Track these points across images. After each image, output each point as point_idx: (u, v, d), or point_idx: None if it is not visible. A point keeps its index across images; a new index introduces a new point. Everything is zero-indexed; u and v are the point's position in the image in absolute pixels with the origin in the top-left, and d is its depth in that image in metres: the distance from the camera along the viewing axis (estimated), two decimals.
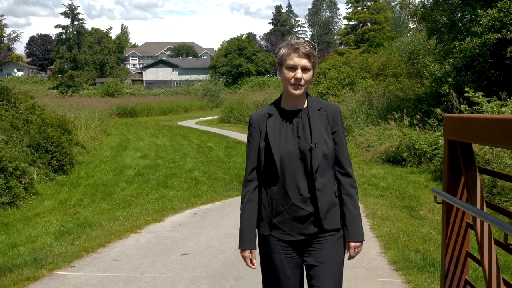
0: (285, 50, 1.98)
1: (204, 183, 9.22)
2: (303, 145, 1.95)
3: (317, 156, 1.93)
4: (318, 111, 2.01)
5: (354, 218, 2.00)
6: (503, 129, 1.63)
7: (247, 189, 2.03)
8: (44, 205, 8.11)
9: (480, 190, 2.01)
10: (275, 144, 1.95)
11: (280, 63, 2.01)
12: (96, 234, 5.07)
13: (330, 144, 1.98)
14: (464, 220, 2.19)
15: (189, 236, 4.94)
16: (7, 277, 3.62)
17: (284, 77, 1.99)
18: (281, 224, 1.97)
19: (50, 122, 11.19)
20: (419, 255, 4.04)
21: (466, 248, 2.22)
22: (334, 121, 2.02)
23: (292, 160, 1.95)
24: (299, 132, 1.98)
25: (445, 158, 2.21)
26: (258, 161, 2.01)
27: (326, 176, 1.97)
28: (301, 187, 1.94)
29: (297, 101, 2.02)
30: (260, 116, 2.05)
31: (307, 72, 1.96)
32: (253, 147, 2.03)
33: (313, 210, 1.96)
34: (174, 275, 3.70)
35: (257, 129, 2.02)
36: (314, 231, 1.98)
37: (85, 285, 3.51)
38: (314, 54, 1.98)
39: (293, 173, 1.94)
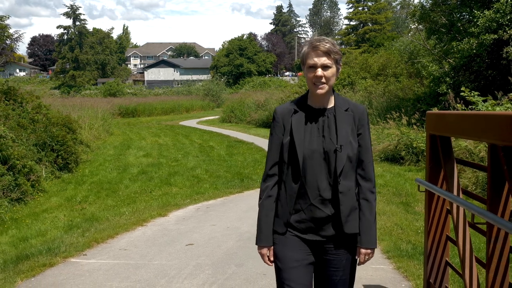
0: (305, 49, 1.95)
1: (206, 181, 9.43)
2: (327, 145, 1.91)
3: (342, 158, 1.89)
4: (345, 112, 1.95)
5: (368, 224, 1.95)
6: (472, 123, 1.86)
7: (266, 184, 1.99)
8: (51, 202, 8.33)
9: (457, 179, 2.24)
10: (300, 141, 1.91)
11: (302, 63, 1.98)
12: (104, 227, 5.32)
13: (355, 146, 1.93)
14: (444, 207, 2.42)
15: (193, 229, 5.18)
16: (24, 264, 3.87)
17: (307, 76, 1.95)
18: (297, 224, 1.95)
19: (56, 121, 11.42)
20: (410, 245, 4.28)
21: (446, 233, 2.45)
22: (361, 123, 1.96)
23: (315, 159, 1.90)
24: (325, 132, 1.93)
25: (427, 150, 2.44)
26: (280, 156, 1.97)
27: (349, 179, 1.93)
28: (322, 188, 1.91)
29: (323, 99, 1.96)
30: (285, 111, 1.99)
31: (328, 69, 1.90)
32: (275, 142, 1.99)
33: (332, 212, 1.92)
34: (180, 262, 3.94)
35: (280, 123, 1.97)
36: (331, 233, 1.94)
37: (97, 270, 3.75)
38: (335, 50, 1.91)
39: (315, 173, 1.90)
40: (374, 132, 12.90)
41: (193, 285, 3.42)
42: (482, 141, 1.98)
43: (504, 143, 1.66)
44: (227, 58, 55.42)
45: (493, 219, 1.64)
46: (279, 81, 49.14)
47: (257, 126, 21.55)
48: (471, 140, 3.10)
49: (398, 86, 16.70)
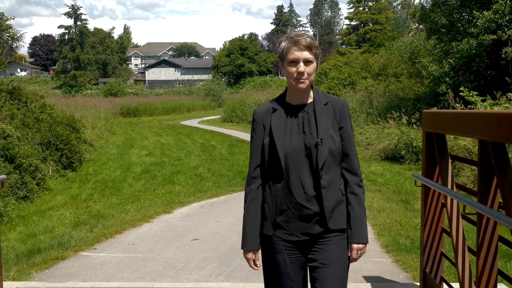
0: (285, 44, 1.91)
1: (209, 179, 9.56)
2: (308, 140, 1.87)
3: (323, 152, 1.85)
4: (325, 106, 1.92)
5: (358, 218, 1.90)
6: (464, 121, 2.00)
7: (250, 187, 1.96)
8: (56, 200, 8.47)
9: (451, 173, 2.38)
10: (280, 139, 1.87)
11: (281, 58, 1.93)
12: (111, 223, 5.46)
13: (337, 140, 1.89)
14: (439, 200, 2.56)
15: (198, 225, 5.34)
16: (37, 257, 4.02)
17: (286, 72, 1.91)
18: (285, 224, 1.90)
19: (60, 121, 11.56)
20: (409, 240, 4.43)
21: (442, 225, 2.60)
22: (342, 116, 1.93)
23: (297, 156, 1.87)
24: (305, 128, 1.90)
25: (424, 147, 2.58)
26: (262, 157, 1.93)
27: (332, 173, 1.88)
28: (306, 185, 1.86)
29: (302, 95, 1.93)
30: (264, 111, 1.97)
31: (310, 64, 1.87)
32: (256, 143, 1.96)
33: (318, 209, 1.87)
34: (186, 256, 4.09)
35: (261, 124, 1.95)
36: (319, 231, 1.89)
37: (108, 263, 3.90)
38: (315, 45, 1.89)
39: (298, 170, 1.87)
40: (374, 131, 13.04)
41: (200, 276, 3.58)
42: (473, 138, 2.12)
43: (492, 139, 1.80)
44: (228, 58, 55.56)
45: (483, 209, 1.78)
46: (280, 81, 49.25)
47: None
48: (464, 137, 3.28)
49: (398, 86, 16.83)
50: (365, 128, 13.83)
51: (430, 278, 2.63)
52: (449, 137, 8.69)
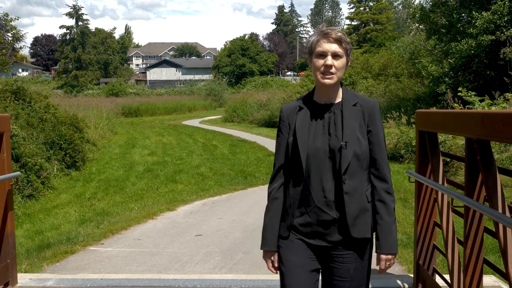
0: (315, 37, 1.82)
1: (211, 178, 9.69)
2: (333, 143, 1.78)
3: (347, 156, 1.75)
4: (354, 106, 1.82)
5: (387, 227, 1.81)
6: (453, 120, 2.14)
7: (272, 186, 1.91)
8: (61, 198, 8.61)
9: (442, 169, 2.52)
10: (303, 139, 1.80)
11: (310, 52, 1.85)
12: (116, 220, 5.62)
13: (364, 143, 1.79)
14: (432, 195, 2.70)
15: (201, 221, 5.49)
16: (47, 251, 4.17)
17: (314, 66, 1.82)
18: (302, 227, 1.84)
19: (63, 120, 11.71)
20: (406, 235, 4.57)
21: (434, 219, 2.74)
22: (371, 118, 1.82)
23: (320, 158, 1.78)
24: (331, 129, 1.81)
25: (417, 145, 2.72)
26: (286, 157, 1.87)
27: (357, 178, 1.79)
28: (327, 189, 1.78)
29: (330, 93, 1.84)
30: (290, 109, 1.89)
31: (339, 59, 1.79)
32: (282, 142, 1.89)
33: (338, 216, 1.78)
34: (191, 250, 4.25)
35: (286, 122, 1.88)
36: (338, 239, 1.80)
37: (115, 257, 4.06)
38: (346, 40, 1.81)
39: (320, 173, 1.78)
40: None
41: (204, 269, 3.73)
42: (461, 136, 2.25)
43: (477, 136, 1.94)
44: (229, 58, 55.73)
45: (469, 202, 1.92)
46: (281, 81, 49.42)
47: (260, 126, 21.83)
48: (453, 135, 3.45)
49: (398, 86, 16.95)
50: None
51: (423, 270, 2.78)
52: (448, 136, 8.82)
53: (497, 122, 1.73)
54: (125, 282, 3.08)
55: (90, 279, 3.15)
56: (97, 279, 3.15)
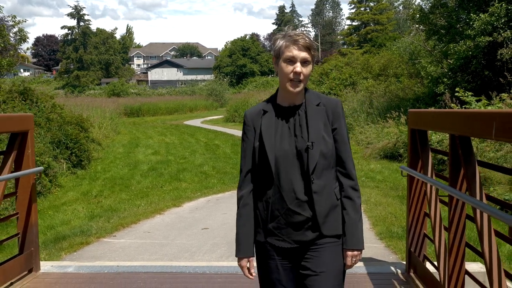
0: (282, 41, 1.81)
1: (214, 177, 9.92)
2: (300, 144, 1.80)
3: (314, 156, 1.78)
4: (317, 106, 1.84)
5: (353, 223, 1.83)
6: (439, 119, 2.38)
7: (242, 193, 1.90)
8: (68, 196, 8.85)
9: (431, 163, 2.76)
10: (270, 143, 1.81)
11: (277, 56, 1.83)
12: (126, 215, 5.87)
13: (329, 142, 1.82)
14: (422, 188, 2.94)
15: (206, 216, 5.74)
16: (63, 243, 4.42)
17: (281, 71, 1.82)
18: (277, 230, 1.83)
19: (69, 120, 11.96)
20: (401, 229, 4.82)
21: (424, 210, 2.98)
22: (335, 117, 1.84)
23: (289, 160, 1.80)
24: (296, 130, 1.83)
25: (409, 142, 2.97)
26: (253, 162, 1.87)
27: (324, 177, 1.81)
28: (297, 190, 1.80)
29: (294, 96, 1.86)
30: (254, 113, 1.89)
31: (307, 65, 1.80)
32: (248, 147, 1.89)
33: (311, 214, 1.80)
34: (198, 242, 4.50)
35: (251, 127, 1.88)
36: (312, 237, 1.83)
37: (128, 247, 4.31)
38: (314, 47, 1.82)
39: (289, 175, 1.80)
40: (374, 130, 13.42)
41: (212, 257, 3.98)
42: (446, 132, 2.46)
43: (459, 133, 2.19)
44: (230, 58, 55.96)
45: (452, 191, 2.16)
46: None
47: None
48: (440, 132, 3.73)
49: (398, 86, 17.15)
50: (365, 128, 14.20)
51: (414, 257, 3.03)
52: (445, 135, 9.06)
53: (475, 121, 1.97)
54: (139, 268, 3.33)
55: (107, 266, 3.40)
56: (113, 266, 3.40)
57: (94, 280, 3.15)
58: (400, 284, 3.02)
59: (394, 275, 3.18)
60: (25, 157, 3.14)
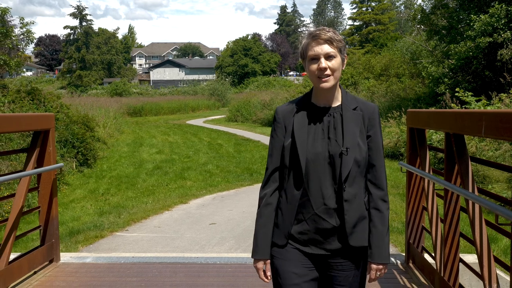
0: (305, 41, 1.76)
1: (218, 175, 10.11)
2: (333, 148, 1.72)
3: (348, 163, 1.70)
4: (354, 111, 1.76)
5: (380, 236, 1.74)
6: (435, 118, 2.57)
7: (265, 191, 1.82)
8: (76, 194, 9.05)
9: (428, 161, 2.95)
10: (302, 144, 1.72)
11: (303, 57, 1.79)
12: (135, 212, 6.08)
13: (364, 149, 1.74)
14: (420, 184, 3.13)
15: (213, 212, 5.94)
16: (79, 236, 4.63)
17: (309, 71, 1.76)
18: (299, 235, 1.76)
19: (76, 120, 12.17)
20: (401, 224, 5.02)
21: (422, 204, 3.17)
22: (371, 123, 1.76)
23: (320, 164, 1.72)
24: (330, 133, 1.74)
25: (407, 140, 3.16)
26: (282, 160, 1.79)
27: (356, 185, 1.73)
28: (326, 196, 1.71)
29: (329, 96, 1.78)
30: (287, 110, 1.81)
31: (332, 59, 1.71)
32: (276, 145, 1.81)
33: (337, 223, 1.72)
34: (207, 236, 4.71)
35: (282, 124, 1.80)
36: (337, 247, 1.74)
37: (141, 240, 4.52)
38: (337, 38, 1.73)
39: (319, 179, 1.72)
40: None
41: (221, 250, 4.19)
42: (441, 131, 2.63)
43: (453, 131, 2.38)
44: (232, 58, 56.16)
45: (447, 185, 2.35)
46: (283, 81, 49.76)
47: (263, 125, 22.25)
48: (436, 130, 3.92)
49: (400, 86, 17.32)
50: None
51: (413, 248, 3.22)
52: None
53: (467, 120, 2.16)
54: (154, 259, 3.53)
55: (123, 257, 3.60)
56: (129, 257, 3.60)
57: (111, 269, 3.36)
58: (399, 273, 3.21)
59: (394, 266, 3.38)
60: (46, 154, 3.33)
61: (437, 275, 2.67)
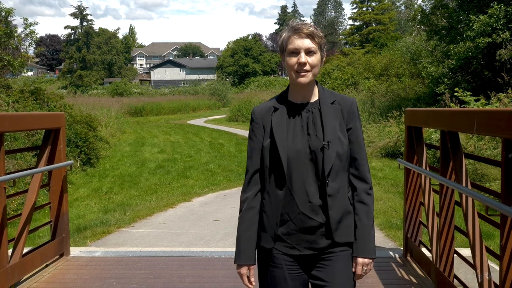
0: (285, 34, 1.73)
1: (220, 174, 10.23)
2: (314, 143, 1.68)
3: (330, 156, 1.66)
4: (332, 105, 1.73)
5: (365, 230, 1.71)
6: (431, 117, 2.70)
7: (246, 195, 1.77)
8: (80, 192, 9.17)
9: (425, 158, 3.08)
10: (282, 142, 1.69)
11: (282, 50, 1.74)
12: (140, 209, 6.21)
13: (345, 142, 1.71)
14: (418, 180, 3.26)
15: (216, 210, 6.07)
16: (86, 232, 4.76)
17: (287, 64, 1.72)
18: (286, 236, 1.71)
19: (79, 119, 12.29)
20: (400, 220, 5.15)
21: (420, 199, 3.30)
22: (350, 116, 1.74)
23: (301, 161, 1.68)
24: (310, 129, 1.71)
25: (405, 138, 3.29)
26: (262, 161, 1.74)
27: (339, 179, 1.70)
28: (311, 193, 1.68)
29: (306, 92, 1.75)
30: (264, 110, 1.77)
31: (313, 55, 1.68)
32: (255, 146, 1.76)
33: (324, 220, 1.69)
34: (211, 232, 4.84)
35: (260, 125, 1.76)
36: (325, 244, 1.71)
37: (147, 236, 4.65)
38: (319, 34, 1.70)
39: (302, 177, 1.68)
40: (375, 129, 13.72)
41: (225, 245, 4.32)
42: (437, 128, 2.76)
43: (448, 129, 2.50)
44: (232, 58, 56.30)
45: (442, 180, 2.47)
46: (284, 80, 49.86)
47: None
48: (432, 128, 4.08)
49: (400, 86, 17.44)
50: (367, 127, 14.51)
51: (411, 242, 3.35)
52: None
53: (460, 118, 2.29)
54: (161, 253, 3.66)
55: (131, 251, 3.73)
56: (137, 251, 3.73)
57: (120, 263, 3.49)
58: (397, 266, 3.34)
59: (393, 259, 3.50)
60: (57, 151, 3.46)
61: (433, 266, 2.80)
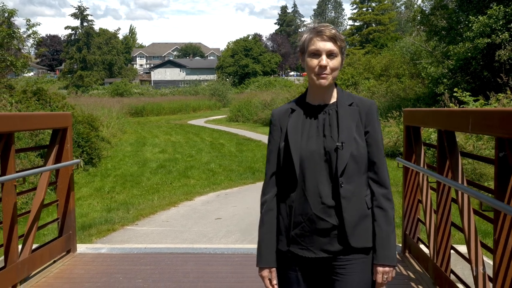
0: (307, 35, 1.71)
1: (221, 174, 10.32)
2: (328, 144, 1.67)
3: (344, 157, 1.64)
4: (349, 106, 1.72)
5: (385, 237, 1.66)
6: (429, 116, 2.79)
7: (265, 197, 1.77)
8: (82, 192, 9.25)
9: (423, 156, 3.17)
10: (295, 142, 1.68)
11: (302, 51, 1.73)
12: (143, 208, 6.30)
13: (361, 144, 1.68)
14: (416, 178, 3.35)
15: (218, 208, 6.17)
16: (91, 230, 4.85)
17: (307, 66, 1.71)
18: (300, 238, 1.68)
19: (80, 119, 12.38)
20: (398, 218, 5.21)
21: (418, 197, 3.39)
22: (368, 119, 1.71)
23: (315, 162, 1.66)
24: (326, 130, 1.69)
25: (404, 137, 3.38)
26: (278, 163, 1.75)
27: (355, 182, 1.66)
28: (324, 194, 1.65)
29: (324, 94, 1.74)
30: (282, 112, 1.78)
31: (334, 58, 1.68)
32: (273, 148, 1.77)
33: (337, 222, 1.65)
34: (214, 229, 4.94)
35: (278, 127, 1.76)
36: (339, 248, 1.66)
37: (151, 234, 4.74)
38: (341, 38, 1.69)
39: (315, 177, 1.66)
40: None
41: (228, 241, 4.41)
42: (434, 128, 2.85)
43: (445, 128, 2.59)
44: (233, 58, 56.40)
45: (439, 178, 2.56)
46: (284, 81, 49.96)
47: (264, 125, 22.45)
48: (429, 127, 4.23)
49: (400, 86, 17.52)
50: None
51: (409, 239, 3.44)
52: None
53: (456, 117, 2.38)
54: (165, 250, 3.76)
55: (136, 248, 3.83)
56: (142, 247, 3.83)
57: (125, 259, 3.58)
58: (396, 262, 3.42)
59: None
60: (64, 150, 3.55)
61: (431, 262, 2.89)
